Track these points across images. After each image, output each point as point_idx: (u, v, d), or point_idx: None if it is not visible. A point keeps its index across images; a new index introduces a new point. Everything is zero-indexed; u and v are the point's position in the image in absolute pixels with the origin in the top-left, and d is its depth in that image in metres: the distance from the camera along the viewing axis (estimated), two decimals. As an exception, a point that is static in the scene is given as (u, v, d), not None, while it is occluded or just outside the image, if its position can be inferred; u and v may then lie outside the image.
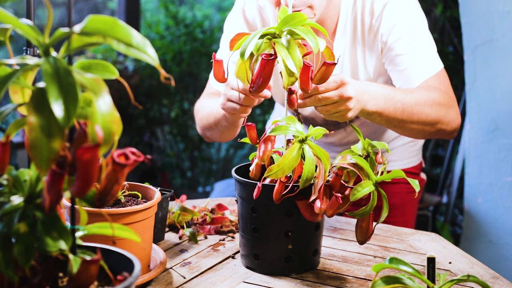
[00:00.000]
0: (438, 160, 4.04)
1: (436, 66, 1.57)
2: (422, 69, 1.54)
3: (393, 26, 1.55)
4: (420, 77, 1.53)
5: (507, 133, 2.58)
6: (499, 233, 2.67)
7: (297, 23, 1.16)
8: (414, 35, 1.56)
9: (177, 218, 1.49)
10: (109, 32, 0.69)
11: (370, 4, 1.58)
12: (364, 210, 1.17)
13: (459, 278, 0.88)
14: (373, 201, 1.16)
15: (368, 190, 1.14)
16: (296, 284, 1.21)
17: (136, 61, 4.15)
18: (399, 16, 1.56)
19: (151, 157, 0.78)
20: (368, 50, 1.61)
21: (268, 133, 1.17)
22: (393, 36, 1.55)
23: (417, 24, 1.59)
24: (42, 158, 0.64)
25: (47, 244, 0.70)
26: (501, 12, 2.50)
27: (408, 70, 1.54)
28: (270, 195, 1.18)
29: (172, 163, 4.72)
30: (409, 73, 1.54)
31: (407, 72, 1.54)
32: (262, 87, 1.19)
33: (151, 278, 1.17)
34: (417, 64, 1.54)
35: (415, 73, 1.54)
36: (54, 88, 0.64)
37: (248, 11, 1.71)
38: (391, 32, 1.55)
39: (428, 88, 1.51)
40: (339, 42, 1.63)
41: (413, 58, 1.54)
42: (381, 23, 1.56)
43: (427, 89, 1.50)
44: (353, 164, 1.16)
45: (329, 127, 1.77)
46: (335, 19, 1.61)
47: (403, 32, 1.55)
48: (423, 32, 1.59)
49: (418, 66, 1.54)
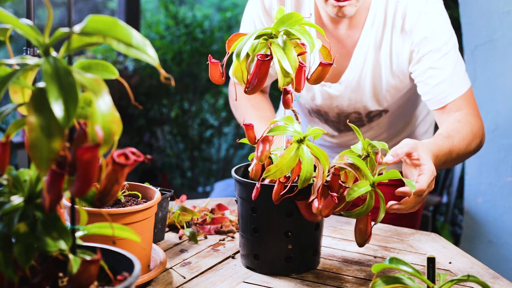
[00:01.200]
0: (438, 160, 4.04)
1: (465, 85, 1.59)
2: (454, 88, 1.56)
3: (427, 37, 1.55)
4: (451, 96, 1.56)
5: (507, 133, 2.58)
6: (499, 233, 2.67)
7: (294, 23, 1.16)
8: (448, 51, 1.56)
9: (177, 218, 1.49)
10: (109, 32, 0.69)
11: (404, 7, 1.56)
12: (360, 210, 1.16)
13: (459, 278, 0.88)
14: (369, 202, 1.16)
15: (365, 190, 1.14)
16: (296, 284, 1.21)
17: (136, 61, 4.15)
18: (435, 29, 1.55)
19: (151, 157, 0.78)
20: (394, 49, 1.60)
21: (266, 134, 1.17)
22: (427, 47, 1.55)
23: (451, 40, 1.58)
24: (42, 158, 0.64)
25: (47, 244, 0.70)
26: (501, 12, 2.50)
27: (440, 86, 1.56)
28: (270, 195, 1.18)
29: (172, 163, 4.72)
30: (440, 90, 1.56)
31: (438, 88, 1.56)
32: (258, 87, 1.19)
33: (151, 278, 1.17)
34: (449, 81, 1.55)
35: (446, 90, 1.56)
36: (54, 88, 0.64)
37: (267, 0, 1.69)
38: (425, 42, 1.55)
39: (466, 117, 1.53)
40: (365, 35, 1.62)
41: (445, 74, 1.55)
42: (414, 31, 1.55)
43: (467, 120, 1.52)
44: (350, 164, 1.16)
45: (339, 125, 1.77)
46: (366, 12, 1.61)
47: (437, 46, 1.55)
48: (455, 49, 1.59)
49: (449, 84, 1.55)
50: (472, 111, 1.57)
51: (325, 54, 1.24)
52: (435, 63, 1.55)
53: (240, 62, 1.18)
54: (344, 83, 1.67)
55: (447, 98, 1.56)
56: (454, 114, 1.55)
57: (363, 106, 1.70)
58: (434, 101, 1.57)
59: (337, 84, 1.68)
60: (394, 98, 1.70)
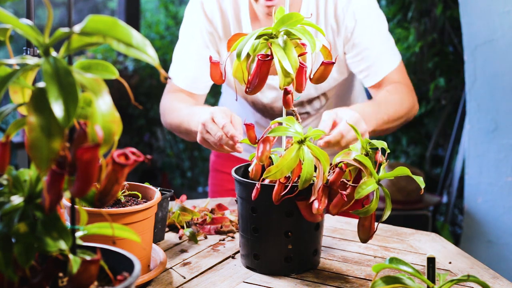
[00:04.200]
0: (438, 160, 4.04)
1: (396, 59, 1.74)
2: (385, 65, 1.71)
3: (357, 20, 1.66)
4: (383, 72, 1.71)
5: (507, 133, 2.58)
6: (499, 233, 2.67)
7: (294, 23, 1.16)
8: (377, 29, 1.71)
9: (177, 218, 1.49)
10: (109, 32, 0.69)
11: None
12: (368, 208, 1.16)
13: (459, 278, 0.88)
14: (376, 199, 1.16)
15: (372, 188, 1.14)
16: (296, 284, 1.21)
17: (136, 61, 4.15)
18: (364, 11, 1.67)
19: (151, 157, 0.78)
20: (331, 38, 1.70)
21: (267, 134, 1.17)
22: (358, 30, 1.67)
23: (380, 19, 1.72)
24: (42, 158, 0.64)
25: (47, 244, 0.70)
26: (501, 12, 2.50)
27: (374, 64, 1.70)
28: (270, 195, 1.18)
29: (172, 163, 4.72)
30: (375, 68, 1.70)
31: (373, 67, 1.70)
32: (259, 87, 1.19)
33: (151, 278, 1.17)
34: (380, 59, 1.70)
35: (378, 68, 1.70)
36: (54, 88, 0.64)
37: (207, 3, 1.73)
38: (356, 26, 1.66)
39: (394, 86, 1.69)
40: None
41: (376, 52, 1.70)
42: (346, 17, 1.66)
43: (395, 89, 1.69)
44: (357, 161, 1.16)
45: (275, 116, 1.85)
46: (299, 4, 1.69)
47: (367, 25, 1.68)
48: (384, 26, 1.73)
49: (381, 62, 1.71)
50: (403, 81, 1.73)
51: (325, 54, 1.24)
52: (366, 43, 1.68)
53: (240, 62, 1.18)
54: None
55: (380, 73, 1.71)
56: (386, 87, 1.70)
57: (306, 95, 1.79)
58: (369, 79, 1.72)
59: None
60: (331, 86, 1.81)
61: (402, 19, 3.94)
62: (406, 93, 1.70)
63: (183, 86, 1.77)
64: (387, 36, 1.74)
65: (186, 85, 1.76)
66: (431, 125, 4.06)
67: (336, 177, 1.17)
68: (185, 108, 1.67)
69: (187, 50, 1.76)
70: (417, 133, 4.11)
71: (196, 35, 1.74)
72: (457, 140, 3.57)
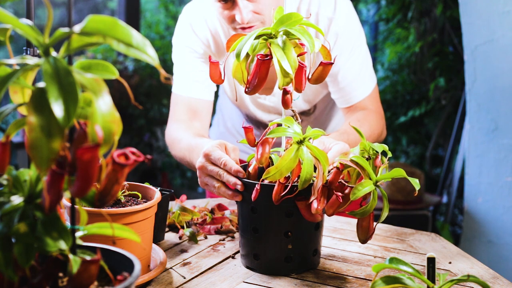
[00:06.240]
0: (438, 160, 4.04)
1: (371, 85, 1.72)
2: (360, 89, 1.70)
3: (336, 41, 1.63)
4: (357, 97, 1.70)
5: (507, 133, 2.58)
6: (499, 233, 2.67)
7: (293, 23, 1.16)
8: (356, 52, 1.67)
9: (177, 218, 1.49)
10: (109, 32, 0.69)
11: (315, 15, 1.63)
12: (365, 209, 1.17)
13: (459, 278, 0.88)
14: (373, 201, 1.16)
15: (369, 190, 1.14)
16: (296, 284, 1.21)
17: (136, 61, 4.15)
18: (344, 32, 1.63)
19: (151, 157, 0.78)
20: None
21: (266, 136, 1.17)
22: (336, 50, 1.63)
23: (359, 39, 1.68)
24: (42, 158, 0.64)
25: (47, 244, 0.70)
26: (501, 12, 2.50)
27: (347, 88, 1.69)
28: (269, 195, 1.18)
29: (172, 163, 4.72)
30: (347, 91, 1.69)
31: (347, 90, 1.69)
32: (258, 87, 1.19)
33: (151, 278, 1.17)
34: (355, 82, 1.69)
35: (352, 92, 1.69)
36: (54, 88, 0.64)
37: (196, 24, 1.72)
38: (335, 47, 1.63)
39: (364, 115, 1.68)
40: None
41: (352, 75, 1.68)
42: (328, 35, 1.63)
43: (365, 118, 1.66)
44: (355, 162, 1.16)
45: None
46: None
47: (346, 47, 1.64)
48: (363, 46, 1.70)
49: (356, 85, 1.69)
50: (375, 108, 1.72)
51: (324, 54, 1.24)
52: (343, 64, 1.66)
53: (240, 62, 1.18)
54: (277, 94, 1.76)
55: (353, 99, 1.70)
56: (357, 113, 1.68)
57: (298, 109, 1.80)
58: (341, 101, 1.72)
59: (271, 96, 1.79)
60: (318, 97, 1.81)
61: (402, 19, 3.94)
62: (375, 121, 1.69)
63: (189, 94, 1.73)
64: (365, 58, 1.70)
65: (192, 91, 1.73)
66: (431, 125, 4.06)
67: (334, 177, 1.17)
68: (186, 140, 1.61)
69: (183, 70, 1.74)
70: (417, 133, 4.11)
71: (189, 58, 1.72)
72: (457, 140, 3.57)
